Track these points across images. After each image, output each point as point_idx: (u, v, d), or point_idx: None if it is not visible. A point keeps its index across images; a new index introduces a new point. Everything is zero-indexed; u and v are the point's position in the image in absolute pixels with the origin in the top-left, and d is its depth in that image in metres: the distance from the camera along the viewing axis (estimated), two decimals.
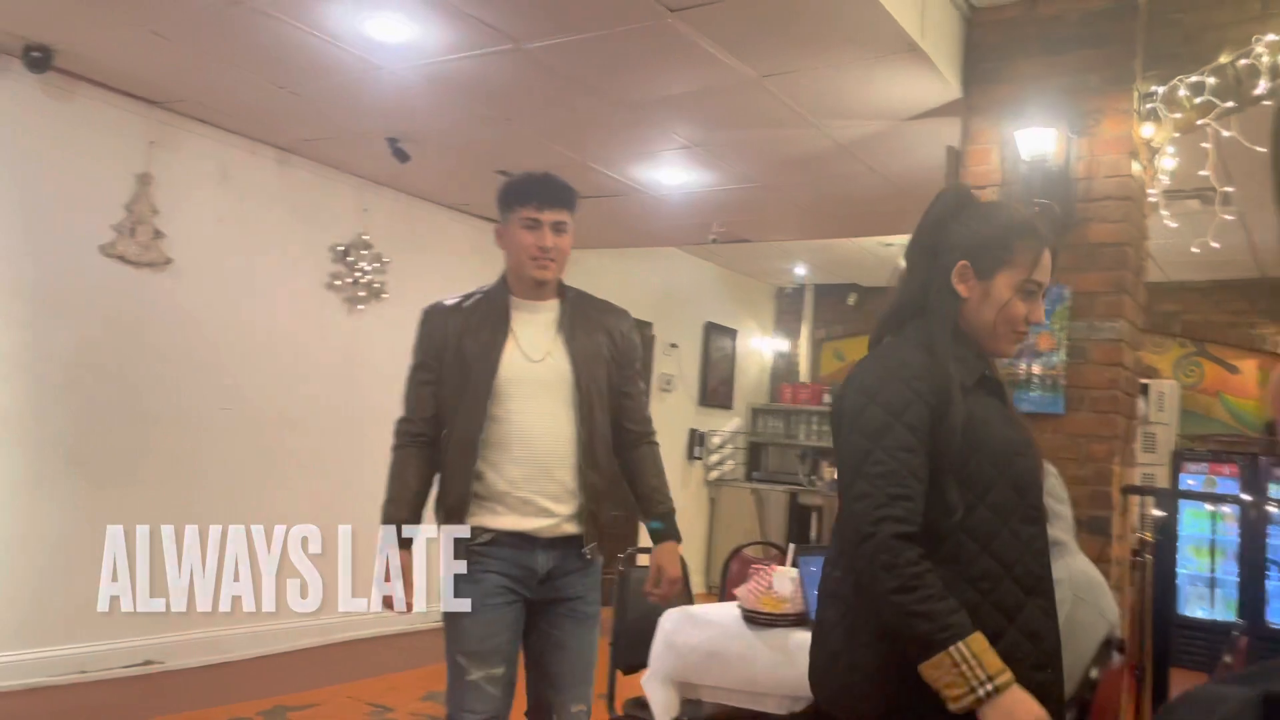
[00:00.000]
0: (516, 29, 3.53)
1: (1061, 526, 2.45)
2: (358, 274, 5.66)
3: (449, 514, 2.31)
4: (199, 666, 4.82)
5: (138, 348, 4.72)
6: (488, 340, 2.31)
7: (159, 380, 4.79)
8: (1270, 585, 6.23)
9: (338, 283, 5.60)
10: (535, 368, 2.31)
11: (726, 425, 8.86)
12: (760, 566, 3.11)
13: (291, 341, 5.36)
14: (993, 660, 1.44)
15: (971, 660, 1.43)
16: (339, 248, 5.59)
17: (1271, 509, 6.24)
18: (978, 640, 1.44)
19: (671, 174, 5.25)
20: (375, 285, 5.76)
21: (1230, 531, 6.41)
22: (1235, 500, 6.37)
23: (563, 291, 2.43)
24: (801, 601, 2.81)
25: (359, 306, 5.71)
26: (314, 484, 5.47)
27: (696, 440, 8.42)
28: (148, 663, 4.67)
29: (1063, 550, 2.42)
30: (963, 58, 3.87)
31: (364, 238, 5.71)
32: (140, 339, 4.73)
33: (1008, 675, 1.44)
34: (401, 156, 4.92)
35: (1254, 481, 6.44)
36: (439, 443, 2.36)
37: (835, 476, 1.76)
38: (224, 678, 4.75)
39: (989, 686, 1.42)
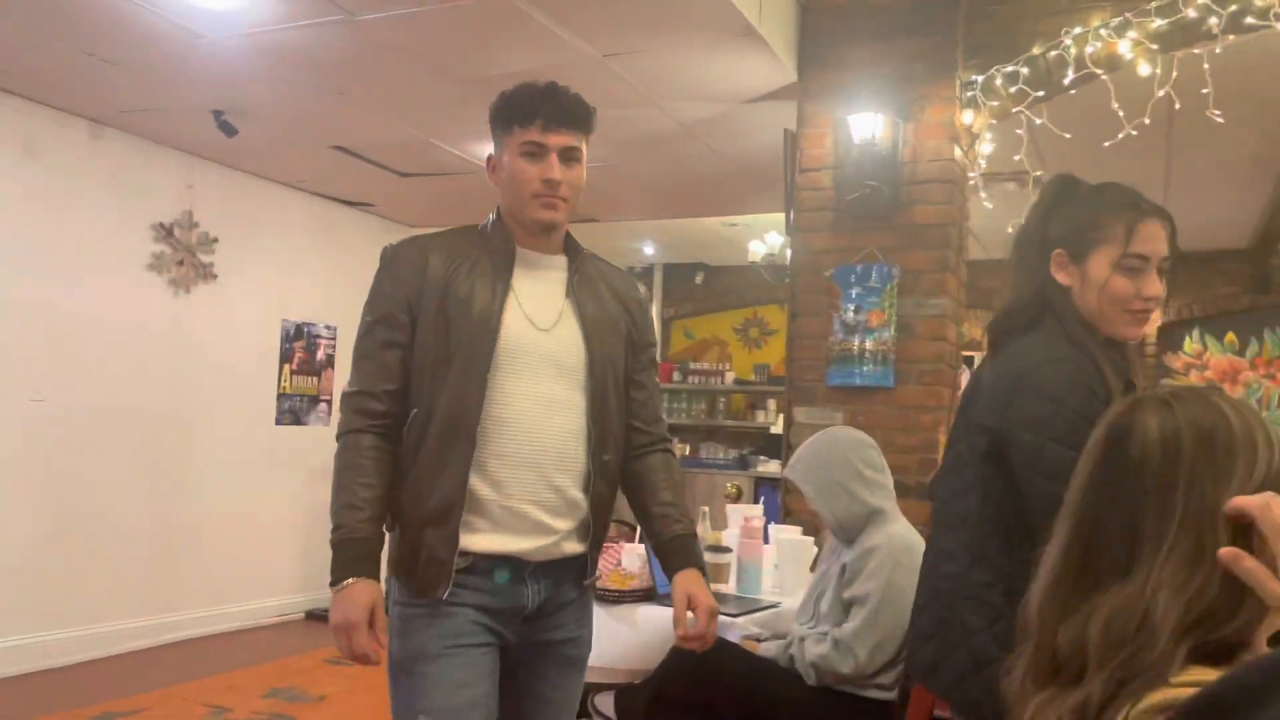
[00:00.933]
0: None
1: (882, 495, 2.59)
2: (184, 254, 5.36)
3: (426, 524, 1.73)
4: (16, 675, 4.50)
5: None
6: (484, 293, 1.77)
7: None
8: None
9: (161, 264, 5.28)
10: (542, 338, 1.79)
11: None
12: (609, 544, 3.14)
13: (111, 326, 5.03)
14: None
15: None
16: (162, 226, 5.28)
17: None
18: None
19: None
20: (204, 266, 5.48)
21: None
22: None
23: (571, 246, 1.92)
24: (649, 577, 2.86)
25: (186, 289, 5.41)
26: (143, 478, 5.18)
27: None
28: None
29: (884, 518, 2.55)
30: (798, 43, 3.98)
31: (190, 216, 5.41)
32: None
33: None
34: (228, 130, 4.68)
35: None
36: (402, 427, 1.78)
37: (943, 478, 1.72)
38: (45, 686, 4.44)
39: None
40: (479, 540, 1.73)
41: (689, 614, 1.81)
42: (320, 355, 6.32)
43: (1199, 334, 7.31)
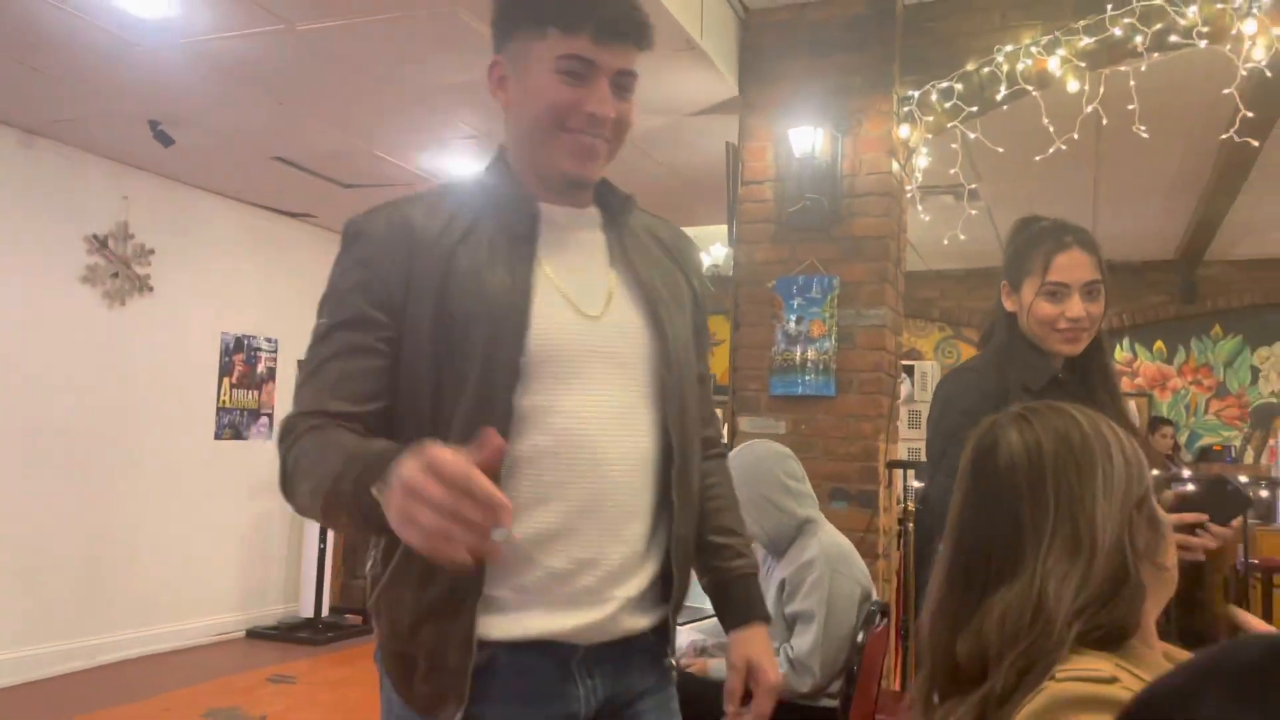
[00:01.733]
0: (287, 9, 3.37)
1: (809, 504, 2.62)
2: (119, 266, 5.25)
3: (427, 618, 1.19)
4: None
5: None
6: (500, 274, 1.22)
7: None
8: None
9: (95, 276, 5.17)
10: (593, 330, 1.25)
11: None
12: None
13: (43, 340, 4.90)
14: None
15: None
16: (95, 238, 5.16)
17: None
18: None
19: (461, 164, 5.17)
20: (139, 278, 5.36)
21: None
22: None
23: (606, 191, 1.35)
24: None
25: (121, 302, 5.30)
26: (76, 495, 5.04)
27: None
28: None
29: (815, 527, 2.58)
30: (739, 57, 4.03)
31: (125, 227, 5.30)
32: None
33: None
34: (165, 140, 4.60)
35: None
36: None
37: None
38: None
39: None
40: (510, 623, 1.19)
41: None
42: (261, 368, 6.22)
43: (1129, 343, 7.53)
